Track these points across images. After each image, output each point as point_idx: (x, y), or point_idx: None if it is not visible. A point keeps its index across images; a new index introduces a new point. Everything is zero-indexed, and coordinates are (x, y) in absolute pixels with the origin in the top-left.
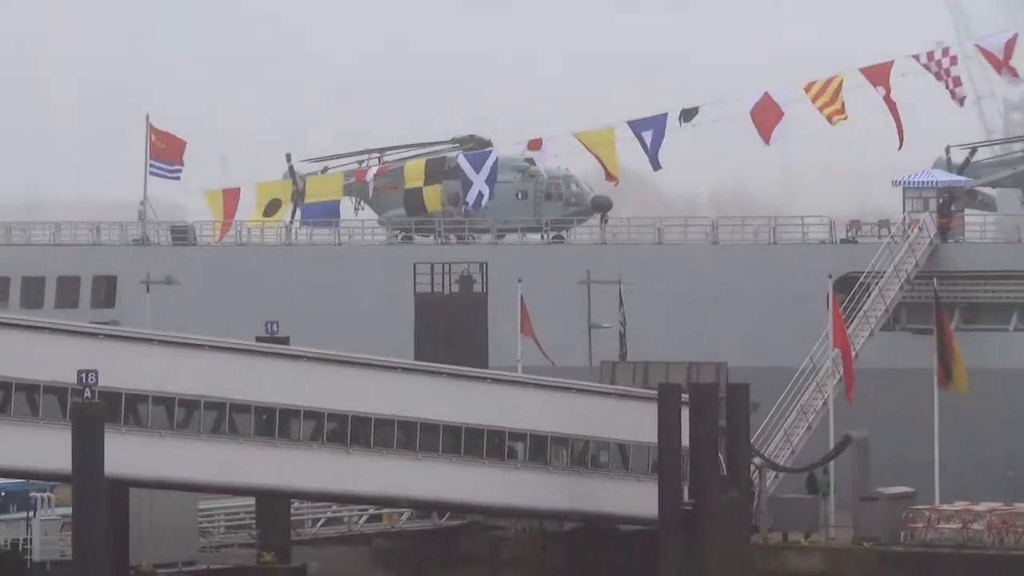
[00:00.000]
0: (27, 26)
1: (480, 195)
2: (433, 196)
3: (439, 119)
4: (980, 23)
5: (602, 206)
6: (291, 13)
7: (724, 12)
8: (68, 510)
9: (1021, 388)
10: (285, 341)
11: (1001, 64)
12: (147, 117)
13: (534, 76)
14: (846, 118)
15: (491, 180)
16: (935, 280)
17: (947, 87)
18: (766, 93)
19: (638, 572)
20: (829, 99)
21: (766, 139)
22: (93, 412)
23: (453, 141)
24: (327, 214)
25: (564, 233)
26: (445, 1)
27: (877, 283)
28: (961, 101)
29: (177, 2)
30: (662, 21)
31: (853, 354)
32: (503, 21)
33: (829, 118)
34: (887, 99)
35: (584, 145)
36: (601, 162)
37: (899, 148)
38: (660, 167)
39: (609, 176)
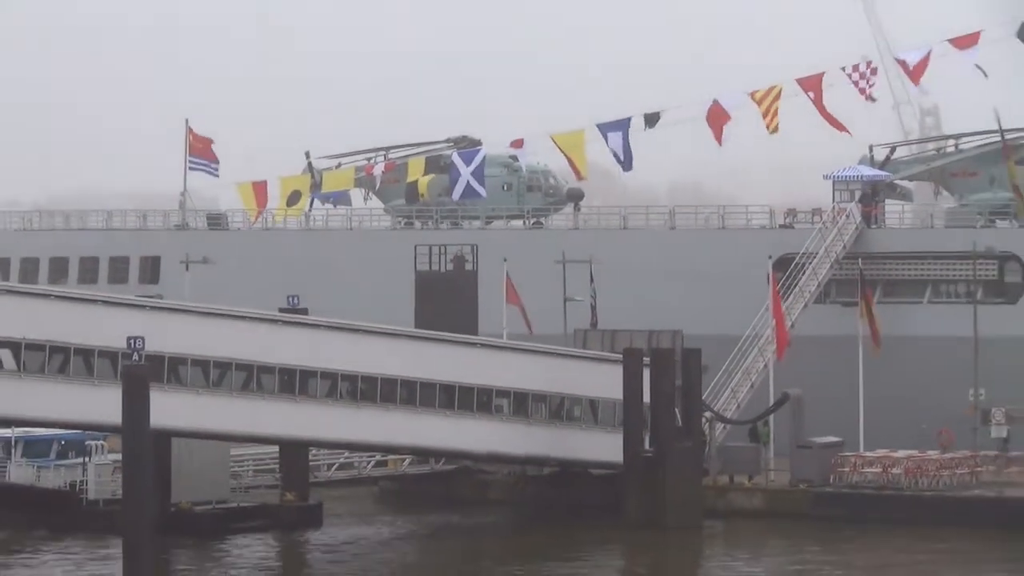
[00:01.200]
0: (81, 36)
1: (469, 187)
2: (424, 184)
3: (438, 121)
4: (902, 41)
5: (575, 196)
6: (309, 31)
7: (686, 27)
8: (118, 456)
9: (933, 352)
10: (304, 312)
11: (917, 75)
12: (187, 122)
13: (520, 81)
14: (778, 131)
15: (478, 174)
16: (860, 260)
17: (863, 92)
18: (716, 100)
19: (606, 509)
20: (770, 105)
21: (718, 139)
22: (140, 373)
23: (448, 141)
24: (339, 202)
25: (543, 220)
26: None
27: (810, 263)
28: (873, 100)
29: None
30: (632, 38)
31: (789, 324)
32: (496, 32)
33: (768, 127)
34: (818, 104)
35: (557, 145)
36: (571, 161)
37: (841, 132)
38: (631, 168)
39: (576, 173)
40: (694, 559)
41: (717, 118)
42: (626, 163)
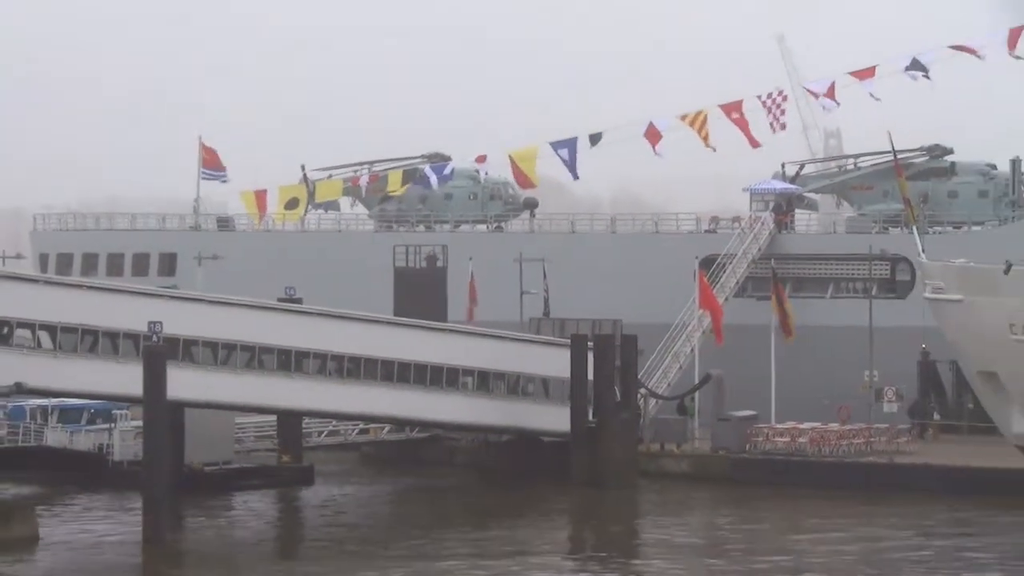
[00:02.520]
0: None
1: (435, 192)
2: (394, 184)
3: (414, 137)
4: (811, 72)
5: (531, 205)
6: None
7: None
8: (139, 423)
9: (834, 340)
10: (299, 301)
11: (826, 96)
12: (199, 138)
13: (483, 105)
14: (713, 149)
15: (446, 181)
16: (773, 261)
17: (774, 118)
18: (651, 123)
19: (555, 471)
20: (700, 127)
21: (654, 149)
22: (159, 352)
23: (423, 156)
24: (330, 209)
25: (503, 224)
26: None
27: (731, 263)
28: (784, 126)
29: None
30: (578, 65)
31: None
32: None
33: (705, 143)
34: (740, 126)
35: (512, 160)
36: (522, 173)
37: (757, 148)
38: (578, 178)
39: (526, 183)
40: (630, 513)
41: (652, 137)
42: (573, 173)
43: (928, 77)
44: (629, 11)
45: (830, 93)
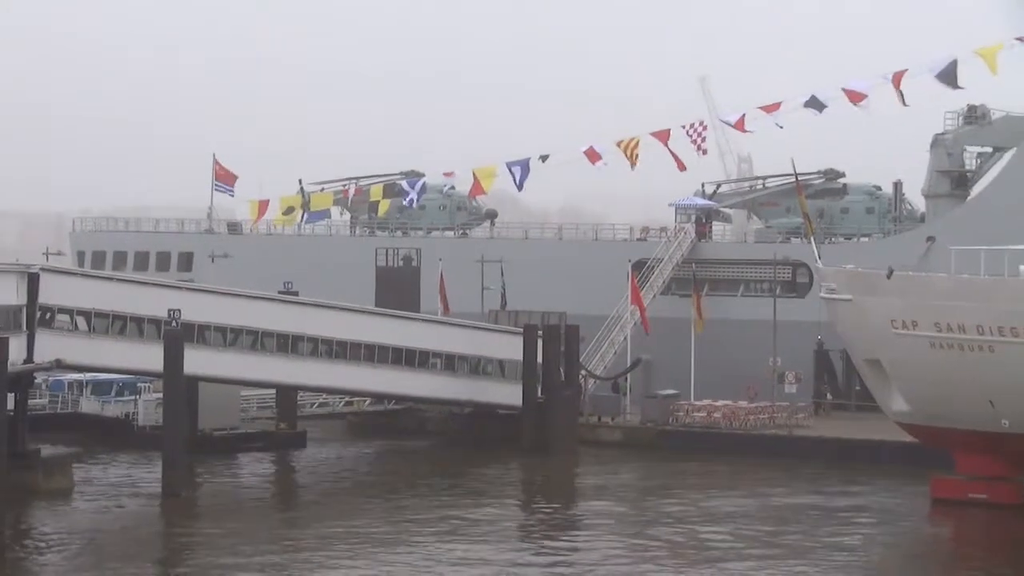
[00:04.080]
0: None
1: (412, 203)
2: (384, 206)
3: (393, 157)
4: (725, 106)
5: (491, 215)
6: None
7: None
8: (160, 395)
9: (744, 331)
10: (296, 294)
11: (737, 128)
12: (214, 155)
13: (450, 125)
14: (636, 165)
15: (420, 195)
16: (693, 265)
17: (697, 145)
18: (591, 146)
19: (509, 439)
20: (632, 150)
21: (593, 164)
22: (177, 335)
23: (401, 173)
24: (322, 217)
25: (468, 231)
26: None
27: (658, 266)
28: (704, 152)
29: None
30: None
31: (644, 306)
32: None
33: (631, 165)
34: (668, 150)
35: (474, 176)
36: (479, 186)
37: (683, 170)
38: (522, 189)
39: (478, 192)
40: (571, 473)
41: (592, 157)
42: (519, 187)
43: (819, 112)
44: (578, 56)
45: (740, 124)
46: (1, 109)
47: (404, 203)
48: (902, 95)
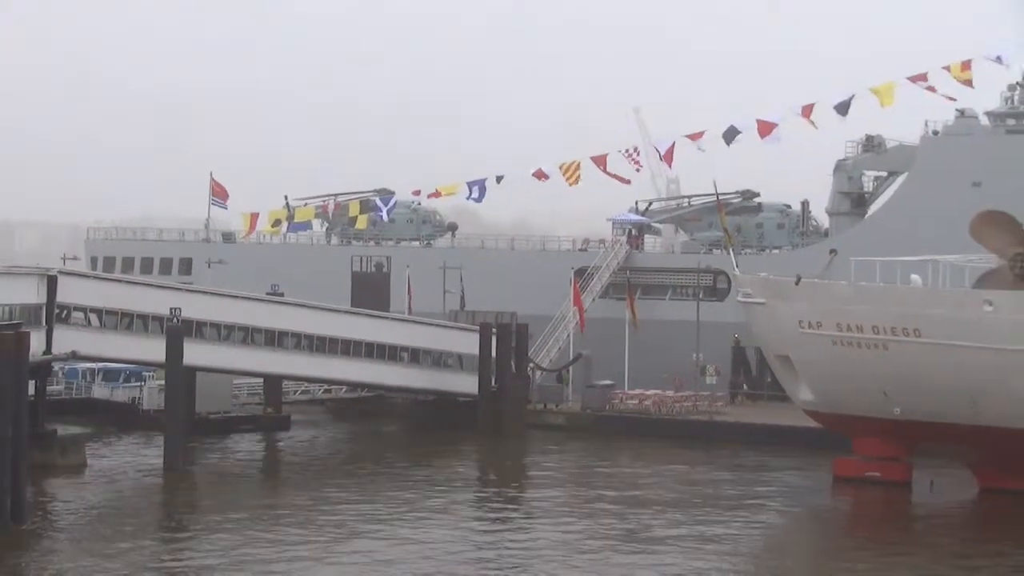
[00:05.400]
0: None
1: (383, 216)
2: (362, 221)
3: (368, 176)
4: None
5: (453, 227)
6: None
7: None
8: (162, 382)
9: (671, 330)
10: (281, 295)
11: (668, 158)
12: (211, 174)
13: (419, 152)
14: (577, 184)
15: (391, 210)
16: (628, 272)
17: (634, 167)
18: (539, 168)
19: (467, 423)
20: (573, 172)
21: (541, 180)
22: (178, 330)
23: (374, 190)
24: (305, 228)
25: (432, 242)
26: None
27: (597, 273)
28: (639, 170)
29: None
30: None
31: (584, 309)
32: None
33: (570, 184)
34: (605, 172)
35: (440, 192)
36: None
37: (627, 183)
38: (480, 202)
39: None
40: (521, 451)
41: (540, 177)
42: (479, 200)
43: (729, 144)
44: (530, 92)
45: (669, 152)
46: (33, 133)
47: (377, 217)
48: (813, 123)
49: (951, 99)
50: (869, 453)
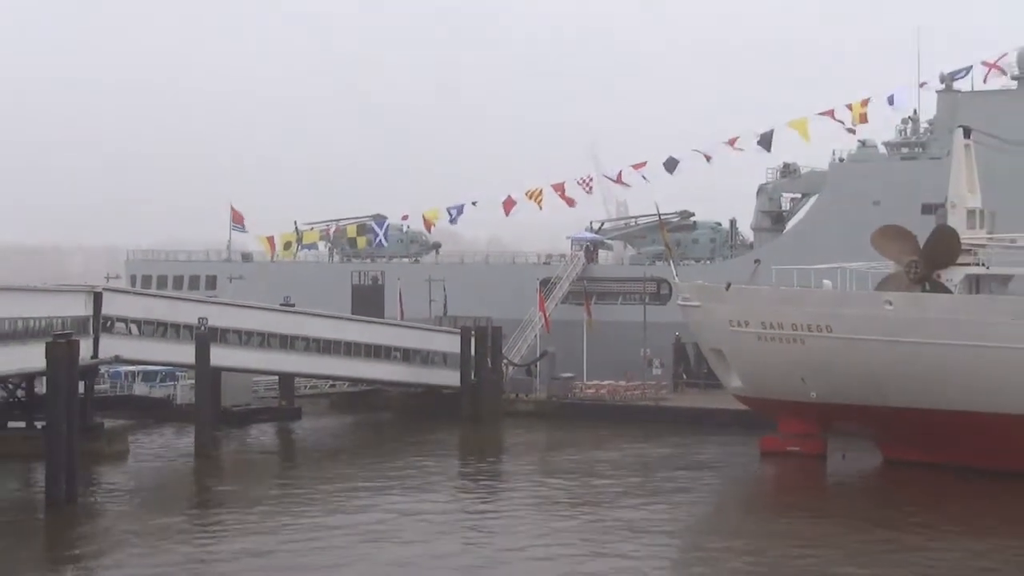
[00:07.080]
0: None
1: (379, 242)
2: (361, 242)
3: (365, 202)
4: (609, 163)
5: (436, 246)
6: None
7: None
8: (193, 381)
9: (623, 330)
10: (293, 306)
11: (616, 182)
12: (231, 205)
13: (407, 180)
14: (541, 208)
15: (385, 233)
16: (585, 281)
17: (585, 193)
18: (509, 195)
19: (451, 412)
20: (536, 198)
21: (507, 214)
22: (205, 337)
23: (370, 216)
24: (312, 248)
25: (419, 259)
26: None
27: (559, 282)
28: (590, 192)
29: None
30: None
31: (548, 313)
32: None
33: (539, 207)
34: (563, 198)
35: (424, 216)
36: (429, 223)
37: (572, 206)
38: (456, 224)
39: (428, 226)
40: (498, 435)
41: (508, 205)
42: (455, 221)
43: (671, 172)
44: (499, 119)
45: (619, 179)
46: (84, 167)
47: (373, 239)
48: (740, 150)
49: (851, 131)
50: (790, 431)
